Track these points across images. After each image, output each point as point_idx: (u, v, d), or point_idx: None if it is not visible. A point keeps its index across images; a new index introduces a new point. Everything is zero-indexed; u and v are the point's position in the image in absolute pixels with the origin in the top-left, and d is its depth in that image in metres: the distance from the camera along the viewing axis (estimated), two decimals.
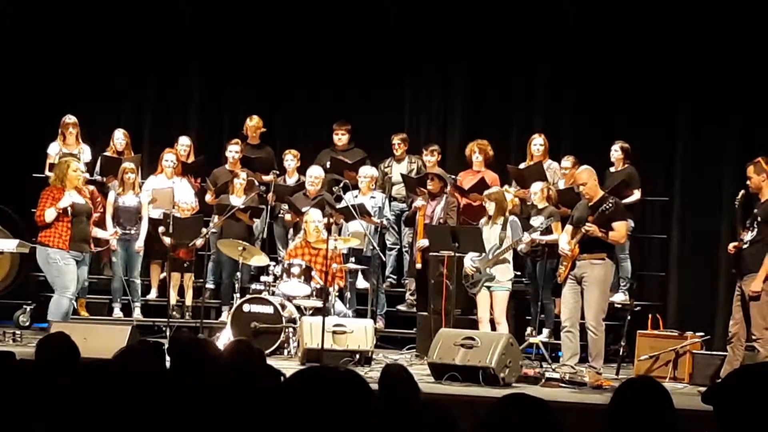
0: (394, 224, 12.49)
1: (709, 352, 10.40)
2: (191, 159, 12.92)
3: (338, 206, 11.80)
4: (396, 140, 12.62)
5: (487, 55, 13.34)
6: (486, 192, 10.83)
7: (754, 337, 9.20)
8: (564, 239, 9.83)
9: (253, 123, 13.07)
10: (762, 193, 9.36)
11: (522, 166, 12.08)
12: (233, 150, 12.72)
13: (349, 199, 11.84)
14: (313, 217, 11.58)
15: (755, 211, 9.39)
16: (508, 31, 13.16)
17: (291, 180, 12.68)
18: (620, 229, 9.62)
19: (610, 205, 9.53)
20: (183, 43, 13.97)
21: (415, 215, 11.77)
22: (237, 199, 12.25)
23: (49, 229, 10.25)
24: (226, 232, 12.13)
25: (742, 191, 9.62)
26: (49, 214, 10.20)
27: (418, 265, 11.64)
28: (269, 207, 12.47)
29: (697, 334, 10.55)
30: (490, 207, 10.60)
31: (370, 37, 13.56)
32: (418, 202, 11.70)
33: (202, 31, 13.95)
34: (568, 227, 9.92)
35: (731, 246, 9.55)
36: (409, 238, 12.29)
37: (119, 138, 12.76)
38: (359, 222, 11.55)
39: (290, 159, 12.70)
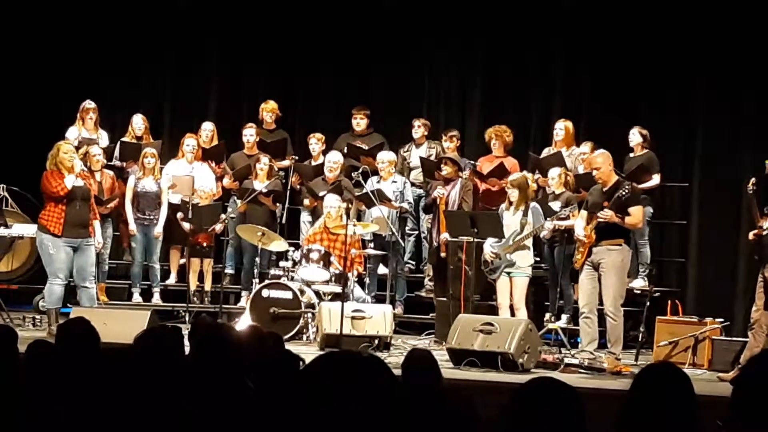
0: (412, 210, 12.42)
1: (728, 338, 10.38)
2: (213, 144, 12.92)
3: (358, 193, 11.77)
4: (417, 123, 12.58)
5: (505, 40, 13.29)
6: (510, 178, 10.78)
7: None
8: (579, 225, 9.77)
9: (269, 107, 13.05)
10: None
11: (545, 152, 12.04)
12: (248, 134, 12.69)
13: (371, 184, 11.82)
14: (329, 203, 11.57)
15: None
16: (526, 17, 13.12)
17: (316, 164, 12.60)
18: (636, 214, 9.56)
19: (626, 191, 9.44)
20: (202, 28, 13.97)
21: (434, 203, 11.68)
22: (260, 184, 12.24)
23: (46, 211, 10.26)
24: (249, 217, 12.13)
25: (753, 178, 9.58)
26: (69, 180, 10.20)
27: (443, 254, 11.48)
28: (289, 189, 12.47)
29: (717, 320, 10.52)
30: (513, 193, 10.53)
31: (389, 22, 13.54)
32: (438, 191, 11.60)
33: (222, 15, 13.96)
34: (583, 213, 9.86)
35: (751, 234, 9.49)
36: (428, 224, 12.25)
37: (138, 123, 12.75)
38: (380, 207, 11.51)
39: (315, 143, 12.67)
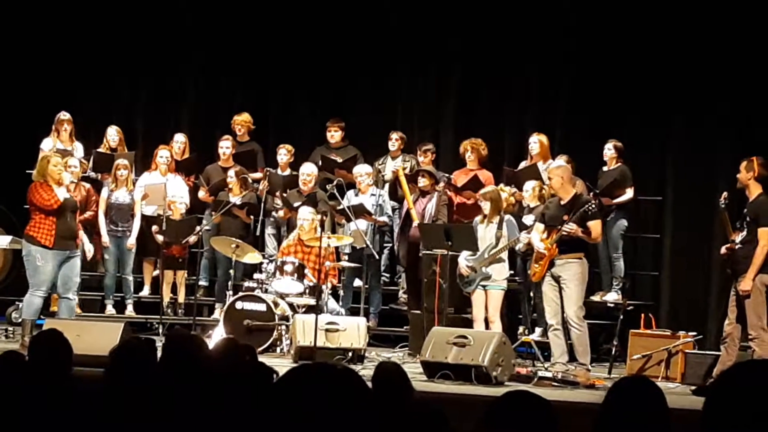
0: (392, 223, 12.40)
1: (701, 352, 10.41)
2: (186, 156, 12.89)
3: (338, 207, 11.75)
4: (394, 136, 12.60)
5: (480, 54, 13.31)
6: (481, 191, 10.80)
7: (750, 337, 9.19)
8: (536, 238, 9.82)
9: (242, 118, 13.02)
10: (749, 191, 9.37)
11: (522, 165, 12.05)
12: (224, 146, 12.69)
13: (350, 198, 11.82)
14: (302, 215, 11.55)
15: (745, 211, 9.41)
16: (501, 30, 13.14)
17: (283, 174, 12.58)
18: (596, 228, 9.66)
19: (593, 206, 9.53)
20: (177, 40, 13.95)
21: (396, 180, 11.88)
22: (233, 197, 12.21)
23: (35, 223, 10.04)
24: (223, 229, 12.12)
25: (725, 192, 9.65)
26: (62, 193, 10.02)
27: (416, 222, 11.48)
28: (263, 201, 12.45)
29: (690, 333, 10.56)
30: (486, 206, 10.53)
31: (364, 36, 13.56)
32: (397, 163, 11.86)
33: (196, 28, 13.94)
34: (539, 225, 9.89)
35: (724, 248, 9.56)
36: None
37: (112, 135, 12.74)
38: (356, 222, 11.51)
39: (284, 154, 12.65)
